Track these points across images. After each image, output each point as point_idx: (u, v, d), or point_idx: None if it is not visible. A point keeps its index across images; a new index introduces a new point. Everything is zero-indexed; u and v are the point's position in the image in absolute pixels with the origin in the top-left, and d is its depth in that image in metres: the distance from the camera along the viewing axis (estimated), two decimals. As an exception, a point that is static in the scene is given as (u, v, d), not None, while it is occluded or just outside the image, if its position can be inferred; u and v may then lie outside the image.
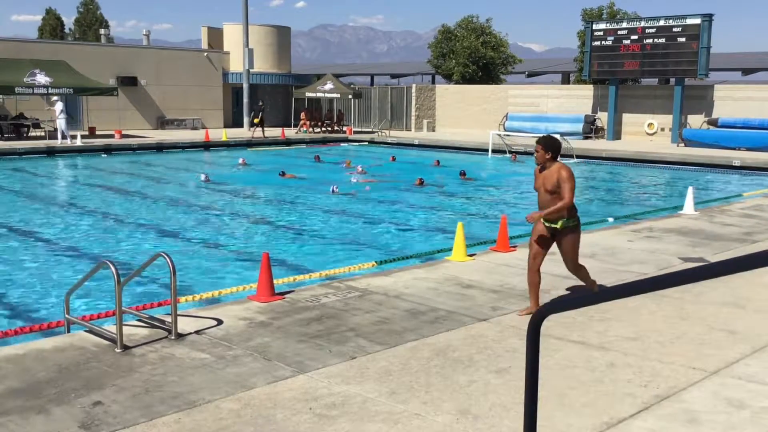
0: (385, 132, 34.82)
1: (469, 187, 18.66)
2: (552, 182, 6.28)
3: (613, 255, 9.19)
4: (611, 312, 6.53)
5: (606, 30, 30.89)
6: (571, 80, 45.12)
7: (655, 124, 30.31)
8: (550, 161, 6.39)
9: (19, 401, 4.60)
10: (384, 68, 71.30)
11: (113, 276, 5.49)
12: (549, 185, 6.30)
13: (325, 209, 14.96)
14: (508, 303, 6.96)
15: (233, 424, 4.32)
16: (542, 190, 6.40)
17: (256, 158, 26.30)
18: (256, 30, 38.22)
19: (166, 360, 5.34)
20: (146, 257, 7.74)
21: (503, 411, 4.51)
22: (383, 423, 4.35)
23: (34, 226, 12.99)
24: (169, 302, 5.87)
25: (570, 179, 6.21)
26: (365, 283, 7.65)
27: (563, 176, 6.23)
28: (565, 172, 6.23)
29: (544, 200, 6.38)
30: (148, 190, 17.72)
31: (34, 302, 8.32)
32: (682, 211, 12.82)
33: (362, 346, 5.68)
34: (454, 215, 14.36)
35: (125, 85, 34.16)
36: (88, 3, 56.61)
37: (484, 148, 27.47)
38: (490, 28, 41.99)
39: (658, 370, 5.22)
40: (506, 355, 5.50)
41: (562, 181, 6.22)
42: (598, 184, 20.70)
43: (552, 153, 6.39)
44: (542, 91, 35.46)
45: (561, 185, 6.21)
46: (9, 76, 27.46)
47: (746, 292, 7.32)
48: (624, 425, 4.35)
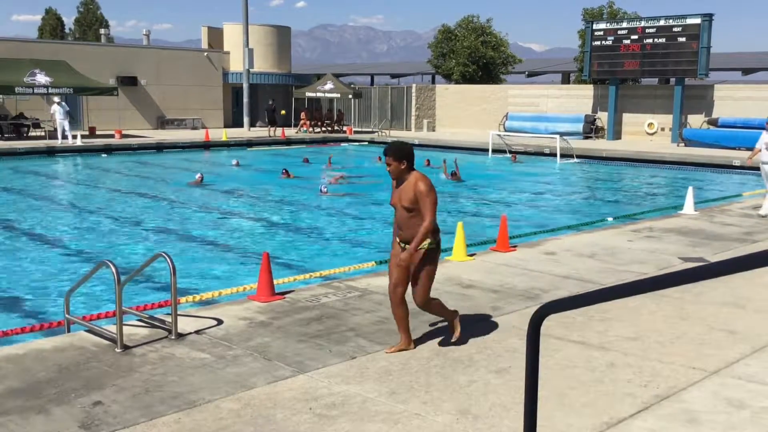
0: (385, 132, 34.82)
1: (462, 188, 18.61)
2: (409, 197, 5.33)
3: (613, 255, 9.19)
4: (611, 312, 6.53)
5: (606, 30, 30.88)
6: (571, 80, 45.12)
7: (655, 124, 30.31)
8: (407, 172, 5.46)
9: (19, 401, 4.60)
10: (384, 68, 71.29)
11: (113, 276, 5.49)
12: (406, 201, 5.35)
13: (325, 209, 14.97)
14: (508, 303, 6.96)
15: (233, 424, 4.32)
16: (399, 207, 5.44)
17: (256, 158, 26.31)
18: (256, 30, 38.22)
19: (166, 360, 5.34)
20: (146, 257, 7.74)
21: (503, 411, 4.51)
22: (383, 423, 4.35)
23: (34, 225, 12.99)
24: (169, 302, 5.87)
25: (430, 193, 5.29)
26: (365, 283, 7.65)
27: (421, 190, 5.28)
28: (423, 185, 5.29)
29: (402, 218, 5.42)
30: (148, 190, 17.72)
31: (34, 302, 8.33)
32: (682, 211, 12.82)
33: (362, 346, 5.68)
34: (453, 215, 14.36)
35: (125, 85, 34.15)
36: (88, 3, 56.59)
37: (484, 148, 27.47)
38: (490, 27, 41.99)
39: (658, 370, 5.22)
40: (506, 355, 5.50)
41: (420, 196, 5.28)
42: (598, 184, 20.71)
43: (407, 162, 5.44)
44: (542, 91, 35.45)
45: (420, 201, 5.29)
46: (9, 76, 27.46)
47: (746, 292, 7.32)
48: (624, 425, 4.35)
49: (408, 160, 5.43)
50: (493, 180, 20.53)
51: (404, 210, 5.37)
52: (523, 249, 9.56)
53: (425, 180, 5.34)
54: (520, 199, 16.93)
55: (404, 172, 5.45)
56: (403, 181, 5.45)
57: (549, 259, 8.93)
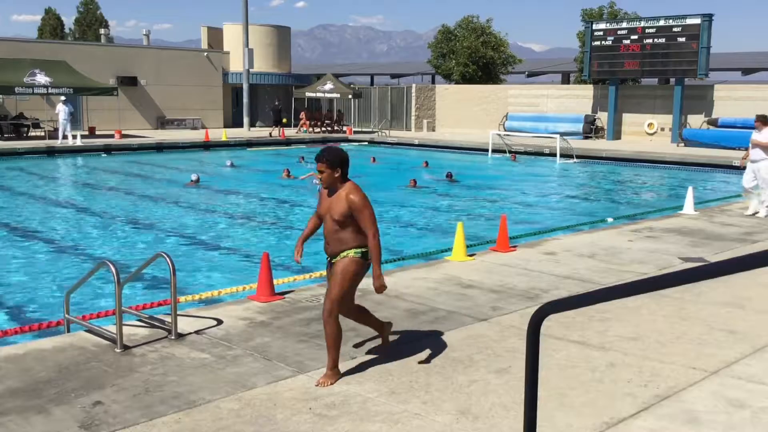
0: (385, 132, 34.82)
1: (461, 188, 18.61)
2: (340, 210, 4.86)
3: (613, 255, 9.19)
4: (611, 312, 6.53)
5: (606, 30, 30.89)
6: (571, 80, 45.13)
7: (655, 124, 30.31)
8: (340, 181, 4.95)
9: (19, 401, 4.60)
10: (384, 68, 71.32)
11: (113, 276, 5.49)
12: (337, 213, 4.88)
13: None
14: (508, 303, 6.96)
15: (233, 424, 4.32)
16: (328, 218, 4.98)
17: (256, 158, 26.31)
18: (256, 30, 38.21)
19: (166, 360, 5.34)
20: (146, 257, 7.74)
21: (503, 411, 4.51)
22: (383, 423, 4.35)
23: (34, 225, 12.99)
24: (169, 302, 5.87)
25: (366, 205, 4.86)
26: (365, 283, 7.63)
27: (356, 203, 4.82)
28: (356, 198, 4.83)
29: (330, 231, 4.97)
30: (147, 190, 17.72)
31: (34, 302, 8.32)
32: (682, 211, 12.83)
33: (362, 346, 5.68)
34: (453, 215, 14.36)
35: (125, 85, 34.15)
36: (88, 3, 56.60)
37: (484, 148, 27.47)
38: (490, 28, 41.99)
39: (658, 370, 5.22)
40: (506, 355, 5.50)
41: (356, 210, 4.84)
42: (598, 184, 20.70)
43: (342, 170, 4.94)
44: (542, 91, 35.45)
45: (357, 216, 4.86)
46: (9, 76, 27.46)
47: (746, 292, 7.32)
48: (624, 425, 4.35)
49: (343, 168, 4.93)
50: (493, 180, 20.53)
51: (334, 222, 4.92)
52: (523, 249, 9.56)
53: (358, 192, 4.88)
54: (520, 199, 16.92)
55: (337, 181, 4.94)
56: (334, 191, 4.96)
57: (549, 259, 8.93)
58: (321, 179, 4.95)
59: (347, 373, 5.10)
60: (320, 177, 4.95)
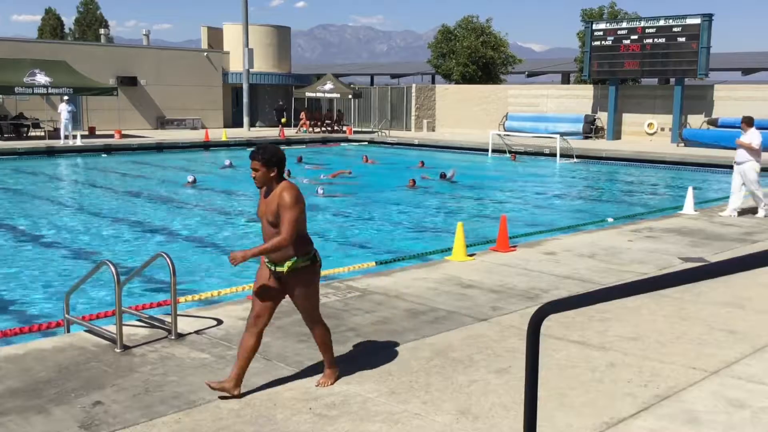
0: (385, 132, 34.83)
1: (461, 188, 18.60)
2: (273, 210, 4.64)
3: (613, 255, 9.19)
4: (611, 312, 6.53)
5: (606, 30, 30.89)
6: (571, 80, 45.14)
7: (655, 124, 30.32)
8: (276, 180, 4.70)
9: (19, 401, 4.60)
10: (384, 68, 71.31)
11: (113, 276, 5.49)
12: (270, 214, 4.65)
13: (325, 209, 14.96)
14: (508, 303, 6.96)
15: (233, 424, 4.32)
16: (264, 221, 4.74)
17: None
18: (256, 30, 38.21)
19: (166, 360, 5.34)
20: (146, 257, 7.74)
21: (503, 411, 4.51)
22: (383, 423, 4.35)
23: (34, 225, 12.99)
24: (169, 302, 5.87)
25: (293, 206, 4.59)
26: (365, 283, 7.65)
27: (285, 202, 4.59)
28: (288, 196, 4.60)
29: (268, 234, 4.71)
30: (147, 190, 17.73)
31: (34, 302, 8.33)
32: (682, 211, 12.82)
33: (362, 346, 5.68)
34: (453, 215, 14.36)
35: (125, 85, 34.15)
36: (88, 3, 56.63)
37: (484, 148, 27.48)
38: (490, 28, 42.00)
39: (658, 370, 5.21)
40: (506, 355, 5.50)
41: (282, 208, 4.59)
42: (598, 184, 20.71)
43: (278, 169, 4.69)
44: (542, 91, 35.46)
45: (280, 213, 4.60)
46: (9, 76, 27.46)
47: (746, 292, 7.32)
48: (624, 425, 4.35)
49: (279, 167, 4.68)
50: (493, 180, 20.53)
51: (269, 224, 4.67)
52: (523, 249, 9.56)
53: (292, 191, 4.62)
54: (520, 199, 16.92)
55: (273, 180, 4.68)
56: (270, 191, 4.71)
57: (549, 259, 8.93)
58: (255, 178, 4.70)
59: (347, 373, 5.10)
60: (254, 176, 4.70)
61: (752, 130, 12.32)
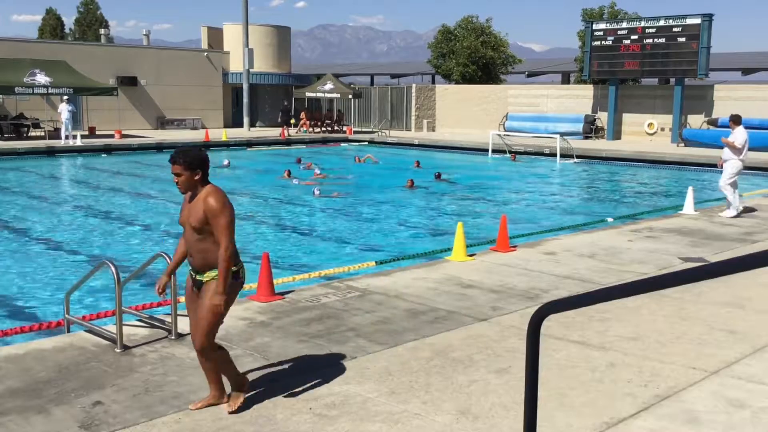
0: (385, 132, 34.83)
1: (461, 188, 18.59)
2: (198, 216, 4.31)
3: (613, 255, 9.19)
4: (611, 312, 6.53)
5: (606, 30, 30.89)
6: (571, 80, 45.12)
7: (655, 124, 30.31)
8: (200, 184, 4.40)
9: (19, 401, 4.60)
10: (384, 68, 71.28)
11: (113, 276, 5.49)
12: (195, 220, 4.33)
13: (325, 209, 14.97)
14: (508, 303, 6.96)
15: (233, 424, 4.32)
16: (188, 227, 4.42)
17: (255, 158, 26.29)
18: (256, 30, 38.21)
19: (166, 360, 5.35)
20: (146, 257, 7.74)
21: (503, 411, 4.51)
22: (383, 423, 4.35)
23: (34, 225, 12.99)
24: (170, 302, 5.87)
25: (223, 210, 4.30)
26: (365, 283, 7.65)
27: (212, 207, 4.27)
28: (215, 201, 4.29)
29: (191, 241, 4.40)
30: (147, 190, 17.73)
31: (34, 302, 8.32)
32: (682, 211, 12.82)
33: (362, 346, 5.68)
34: (453, 215, 14.36)
35: (125, 85, 34.15)
36: (88, 3, 56.63)
37: (484, 148, 27.47)
38: (490, 28, 41.99)
39: (658, 370, 5.22)
40: (506, 355, 5.50)
41: (211, 215, 4.27)
42: (598, 184, 20.70)
43: (202, 171, 4.38)
44: (542, 91, 35.45)
45: (211, 222, 4.28)
46: (9, 76, 27.46)
47: (746, 292, 7.32)
48: (624, 425, 4.35)
49: (203, 170, 4.38)
50: (493, 180, 20.53)
51: (192, 231, 4.35)
52: (523, 249, 9.56)
53: (218, 195, 4.33)
54: (520, 199, 16.92)
55: (197, 184, 4.38)
56: (195, 196, 4.40)
57: (549, 259, 8.93)
58: (177, 184, 4.39)
59: (347, 373, 5.10)
60: (176, 181, 4.38)
61: (738, 129, 12.37)
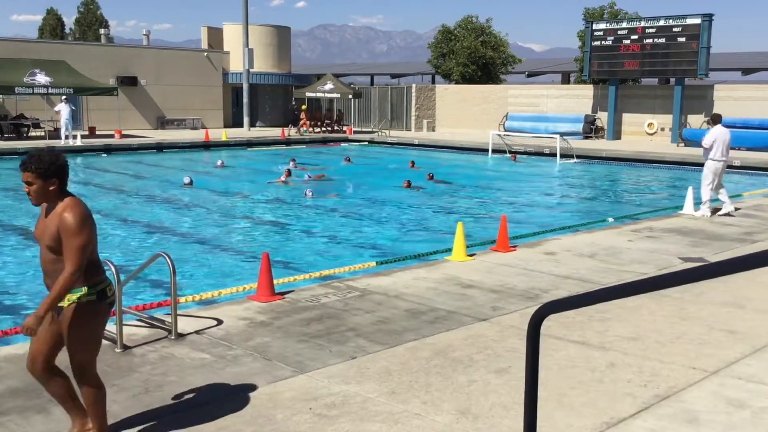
0: (385, 132, 34.83)
1: (461, 188, 18.59)
2: (52, 233, 3.70)
3: (613, 255, 9.19)
4: (611, 312, 6.53)
5: (606, 30, 30.89)
6: (571, 80, 45.13)
7: (655, 124, 30.32)
8: (57, 196, 3.79)
9: (19, 401, 4.60)
10: (384, 68, 71.28)
11: (113, 276, 5.49)
12: (49, 237, 3.72)
13: (324, 209, 14.97)
14: (508, 303, 6.96)
15: (233, 424, 4.32)
16: (42, 245, 3.81)
17: (255, 158, 26.30)
18: (256, 30, 38.20)
19: (166, 360, 5.35)
20: (146, 257, 7.74)
21: (503, 411, 4.51)
22: (383, 423, 4.35)
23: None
24: (169, 302, 5.87)
25: (79, 231, 3.65)
26: (365, 283, 7.65)
27: (68, 225, 3.65)
28: (71, 218, 3.66)
29: (46, 261, 3.79)
30: (147, 190, 17.72)
31: (34, 302, 8.32)
32: (682, 211, 12.82)
33: (362, 346, 5.68)
34: (453, 215, 14.35)
35: (125, 85, 34.14)
36: (88, 3, 56.66)
37: (484, 148, 27.47)
38: (490, 28, 42.00)
39: (658, 370, 5.22)
40: (506, 355, 5.50)
41: (66, 234, 3.64)
42: (597, 184, 20.70)
43: (59, 180, 3.78)
44: (542, 91, 35.46)
45: (64, 241, 3.66)
46: (9, 76, 27.46)
47: (746, 292, 7.32)
48: (624, 425, 4.35)
49: (60, 179, 3.78)
50: (493, 180, 20.52)
51: (47, 250, 3.75)
52: (523, 249, 9.56)
53: (76, 210, 3.70)
54: (520, 199, 16.92)
55: (52, 195, 3.76)
56: (52, 209, 3.79)
57: (549, 259, 8.93)
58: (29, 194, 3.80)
59: (347, 373, 5.10)
60: (27, 191, 3.80)
61: (713, 129, 12.41)
